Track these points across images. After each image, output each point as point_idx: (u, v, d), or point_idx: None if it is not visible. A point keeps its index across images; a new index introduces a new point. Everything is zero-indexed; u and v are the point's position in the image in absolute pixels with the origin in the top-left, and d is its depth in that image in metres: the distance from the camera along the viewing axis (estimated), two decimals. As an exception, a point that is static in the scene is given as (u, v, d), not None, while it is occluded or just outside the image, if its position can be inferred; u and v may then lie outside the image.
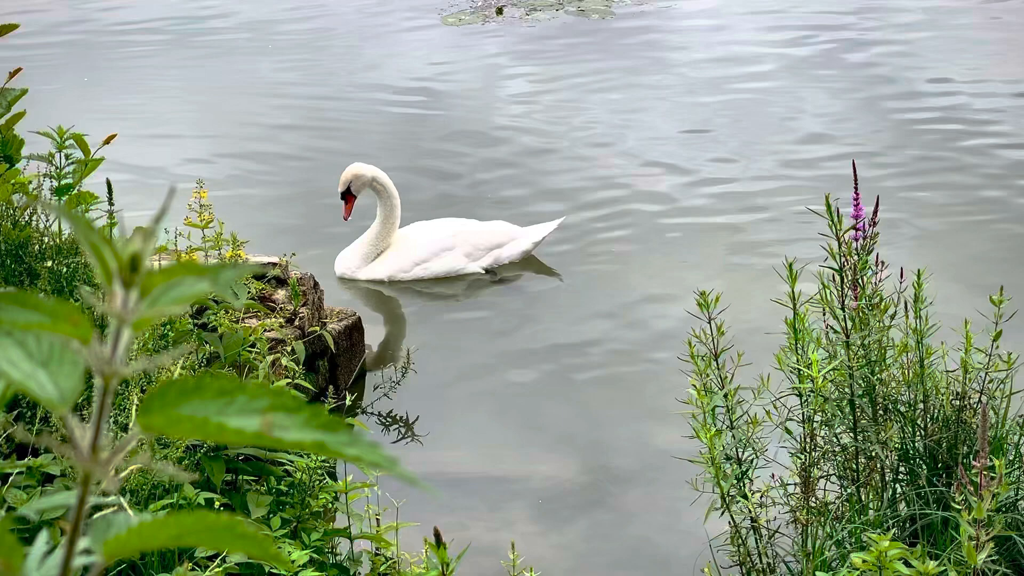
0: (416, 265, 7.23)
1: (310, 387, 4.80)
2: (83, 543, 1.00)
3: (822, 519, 4.12)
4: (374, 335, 6.69)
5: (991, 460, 3.17)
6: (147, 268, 0.99)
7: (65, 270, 4.49)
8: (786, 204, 7.95)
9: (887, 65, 10.58)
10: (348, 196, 7.27)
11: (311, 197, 8.31)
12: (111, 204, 4.69)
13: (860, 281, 4.13)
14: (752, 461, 4.19)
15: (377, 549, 4.31)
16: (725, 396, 4.17)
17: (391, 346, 6.68)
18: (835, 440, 4.22)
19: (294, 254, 5.79)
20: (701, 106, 9.76)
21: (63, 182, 4.70)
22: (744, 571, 4.26)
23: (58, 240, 4.61)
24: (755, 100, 9.86)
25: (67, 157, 4.74)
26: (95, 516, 1.02)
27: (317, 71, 10.76)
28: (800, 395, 4.17)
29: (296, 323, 5.66)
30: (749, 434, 4.17)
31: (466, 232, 7.30)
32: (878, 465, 4.23)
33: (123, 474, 3.55)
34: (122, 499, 3.35)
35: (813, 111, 9.58)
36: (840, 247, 4.07)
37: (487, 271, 7.31)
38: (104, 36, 11.74)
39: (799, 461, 4.21)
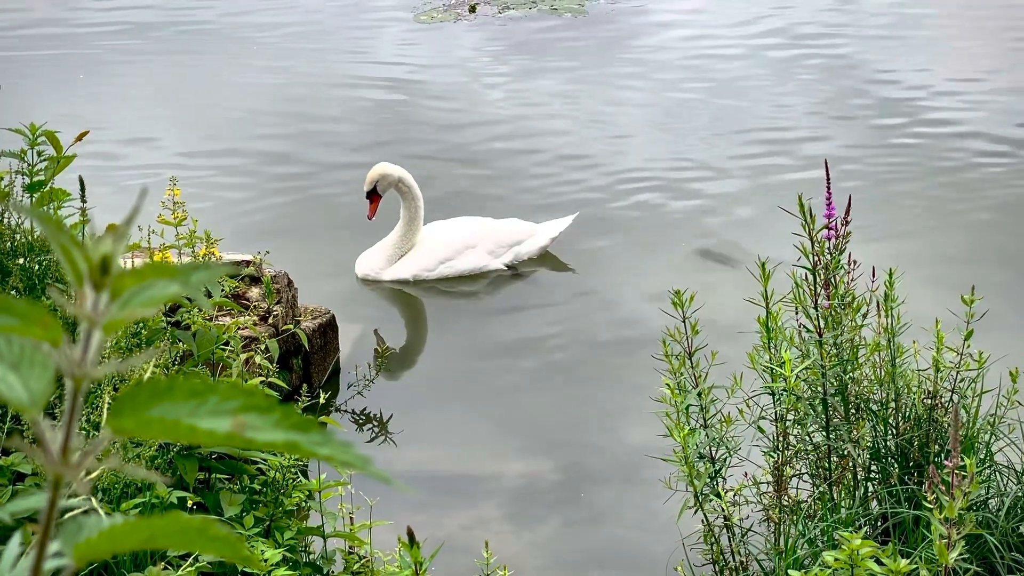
0: (441, 264, 7.26)
1: (284, 385, 4.79)
2: (54, 546, 1.00)
3: (794, 517, 4.13)
4: (349, 333, 6.66)
5: (962, 459, 3.18)
6: (118, 269, 0.98)
7: (37, 268, 4.46)
8: (760, 203, 7.97)
9: (860, 64, 10.62)
10: (374, 196, 7.25)
11: (288, 195, 8.29)
12: (84, 201, 4.66)
13: (833, 280, 4.15)
14: (725, 460, 4.20)
15: (350, 548, 4.30)
16: (699, 395, 4.18)
17: (367, 344, 6.66)
18: (807, 439, 4.24)
19: (267, 252, 5.77)
20: (674, 104, 9.78)
21: (35, 179, 4.66)
22: (717, 569, 4.27)
23: (30, 237, 4.58)
24: (729, 98, 9.87)
25: (39, 154, 4.69)
26: (66, 516, 1.01)
27: (290, 70, 10.72)
28: (773, 394, 4.18)
29: (270, 321, 5.64)
30: (722, 433, 4.19)
31: (487, 230, 7.36)
32: (850, 463, 4.25)
33: (94, 475, 3.53)
34: (93, 500, 3.34)
35: (787, 109, 9.60)
36: (813, 246, 4.09)
37: (508, 267, 7.35)
38: (84, 32, 11.67)
39: (772, 460, 4.23)
